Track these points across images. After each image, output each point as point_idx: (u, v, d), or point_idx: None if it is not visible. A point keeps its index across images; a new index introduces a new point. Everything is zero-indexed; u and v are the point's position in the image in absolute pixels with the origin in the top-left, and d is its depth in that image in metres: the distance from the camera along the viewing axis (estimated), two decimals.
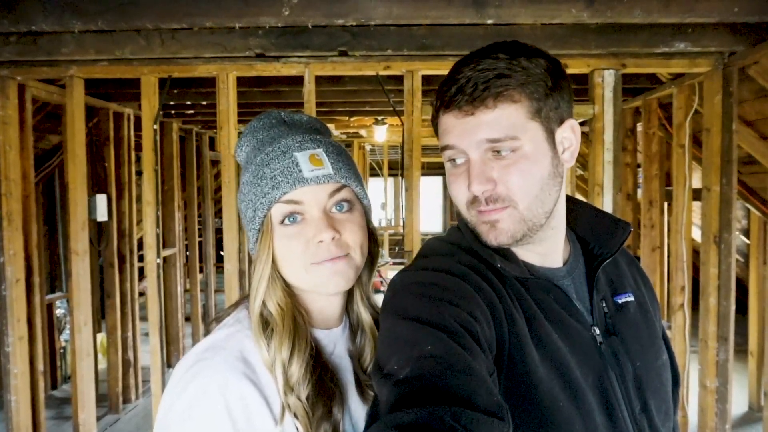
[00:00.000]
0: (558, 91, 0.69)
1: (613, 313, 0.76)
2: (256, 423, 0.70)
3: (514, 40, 0.70)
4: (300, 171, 0.76)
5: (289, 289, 0.80)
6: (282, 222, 0.77)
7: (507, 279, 0.72)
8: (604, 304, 0.76)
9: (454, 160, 0.71)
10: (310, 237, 0.76)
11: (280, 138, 0.80)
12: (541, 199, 0.69)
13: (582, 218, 0.83)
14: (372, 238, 0.86)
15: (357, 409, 0.83)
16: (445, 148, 0.71)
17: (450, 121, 0.69)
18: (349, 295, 0.89)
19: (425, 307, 0.63)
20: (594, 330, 0.73)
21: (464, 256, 0.73)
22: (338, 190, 0.78)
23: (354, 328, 0.90)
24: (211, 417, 0.67)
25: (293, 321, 0.77)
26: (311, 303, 0.83)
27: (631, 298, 0.79)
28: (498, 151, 0.67)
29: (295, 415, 0.72)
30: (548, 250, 0.75)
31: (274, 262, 0.78)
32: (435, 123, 0.74)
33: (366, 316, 0.88)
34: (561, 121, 0.71)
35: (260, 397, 0.71)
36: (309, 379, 0.75)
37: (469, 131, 0.67)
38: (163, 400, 0.73)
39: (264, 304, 0.78)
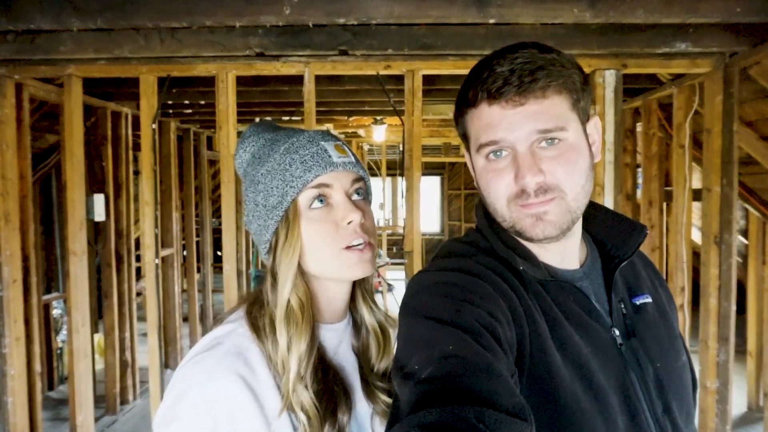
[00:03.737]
0: (587, 87, 0.70)
1: (632, 314, 0.76)
2: (242, 423, 0.70)
3: (533, 41, 0.69)
4: (330, 157, 0.80)
5: (307, 282, 0.82)
6: (310, 206, 0.79)
7: (527, 280, 0.71)
8: (623, 306, 0.76)
9: (496, 152, 0.68)
10: (339, 219, 0.79)
11: (299, 133, 0.83)
12: (586, 190, 0.69)
13: (598, 220, 0.82)
14: None
15: (362, 410, 0.83)
16: (488, 144, 0.68)
17: (496, 114, 0.67)
18: (352, 291, 0.89)
19: (446, 307, 0.62)
20: (614, 331, 0.72)
21: (483, 257, 0.72)
22: (357, 180, 0.83)
23: (358, 325, 0.90)
24: (194, 414, 0.69)
25: (311, 314, 0.79)
26: (323, 293, 0.84)
27: (649, 300, 0.79)
28: (547, 142, 0.66)
29: (305, 411, 0.72)
30: (566, 250, 0.75)
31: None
32: (465, 120, 0.72)
33: (368, 315, 0.89)
34: (588, 117, 0.72)
35: (251, 397, 0.71)
36: (315, 376, 0.76)
37: (518, 123, 0.66)
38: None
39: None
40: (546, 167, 0.66)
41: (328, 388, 0.77)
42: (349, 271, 0.80)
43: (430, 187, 10.79)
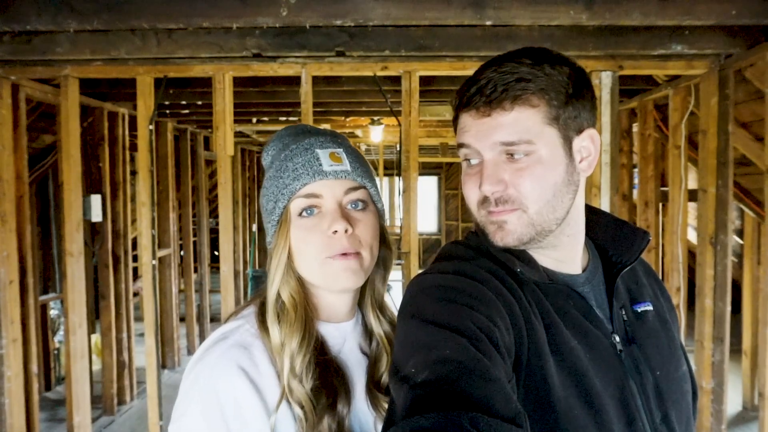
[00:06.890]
0: (579, 100, 0.69)
1: (633, 321, 0.75)
2: (247, 415, 0.72)
3: (542, 47, 0.69)
4: (320, 165, 0.79)
5: (301, 282, 0.83)
6: (300, 214, 0.80)
7: (526, 284, 0.71)
8: (624, 312, 0.75)
9: (469, 160, 0.72)
10: (325, 228, 0.78)
11: (304, 138, 0.84)
12: (552, 205, 0.68)
13: (601, 226, 0.82)
14: (384, 241, 0.87)
15: (365, 413, 0.83)
16: (461, 146, 0.71)
17: (467, 120, 0.70)
18: (361, 296, 0.89)
19: (444, 311, 0.62)
20: (614, 337, 0.72)
21: (483, 261, 0.72)
22: (354, 189, 0.81)
23: (369, 328, 0.90)
24: (202, 407, 0.72)
25: (304, 312, 0.80)
26: (321, 298, 0.85)
27: (650, 308, 0.78)
28: (512, 154, 0.67)
29: (301, 405, 0.74)
30: (565, 257, 0.75)
31: (289, 253, 0.81)
32: (455, 122, 0.75)
33: (377, 326, 0.88)
34: (580, 130, 0.70)
35: (252, 389, 0.73)
36: (313, 371, 0.77)
37: (484, 132, 0.67)
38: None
39: (278, 292, 0.81)
40: (509, 178, 0.67)
41: (328, 383, 0.77)
42: (332, 281, 0.79)
43: (428, 187, 10.80)
